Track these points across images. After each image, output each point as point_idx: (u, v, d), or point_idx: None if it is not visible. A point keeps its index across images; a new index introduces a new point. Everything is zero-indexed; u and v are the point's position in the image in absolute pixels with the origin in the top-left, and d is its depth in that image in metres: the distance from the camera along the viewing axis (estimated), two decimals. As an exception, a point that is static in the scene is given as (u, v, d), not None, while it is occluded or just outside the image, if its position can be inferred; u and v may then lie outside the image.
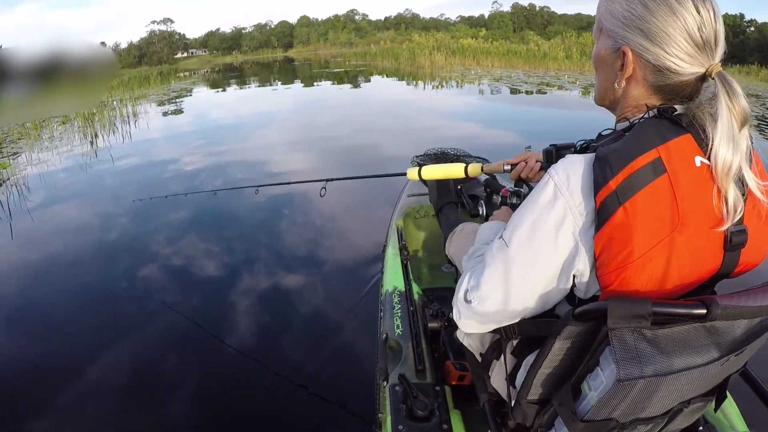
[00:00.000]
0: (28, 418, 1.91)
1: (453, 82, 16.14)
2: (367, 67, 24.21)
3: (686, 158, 0.72)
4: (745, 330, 0.74)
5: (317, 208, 4.16)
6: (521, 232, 0.80)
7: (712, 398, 0.86)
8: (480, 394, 1.13)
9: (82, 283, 3.14)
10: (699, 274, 0.76)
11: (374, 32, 65.31)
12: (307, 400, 1.93)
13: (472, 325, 0.90)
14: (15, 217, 4.47)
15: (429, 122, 8.69)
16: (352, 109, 11.12)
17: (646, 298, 0.69)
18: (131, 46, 63.44)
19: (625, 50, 0.79)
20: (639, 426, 0.80)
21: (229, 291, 2.89)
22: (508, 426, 1.04)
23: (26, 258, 3.65)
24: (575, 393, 0.81)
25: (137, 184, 5.46)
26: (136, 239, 3.84)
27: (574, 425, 0.79)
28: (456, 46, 23.58)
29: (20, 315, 2.80)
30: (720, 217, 0.72)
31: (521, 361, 0.97)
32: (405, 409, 1.24)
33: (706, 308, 0.68)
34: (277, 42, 73.12)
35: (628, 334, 0.69)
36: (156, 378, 2.15)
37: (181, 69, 43.72)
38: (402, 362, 1.44)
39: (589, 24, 49.96)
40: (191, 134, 8.69)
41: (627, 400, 0.72)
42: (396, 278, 1.88)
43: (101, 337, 2.47)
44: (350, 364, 2.15)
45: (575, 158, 0.77)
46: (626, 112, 0.85)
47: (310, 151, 6.74)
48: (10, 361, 2.32)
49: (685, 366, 0.70)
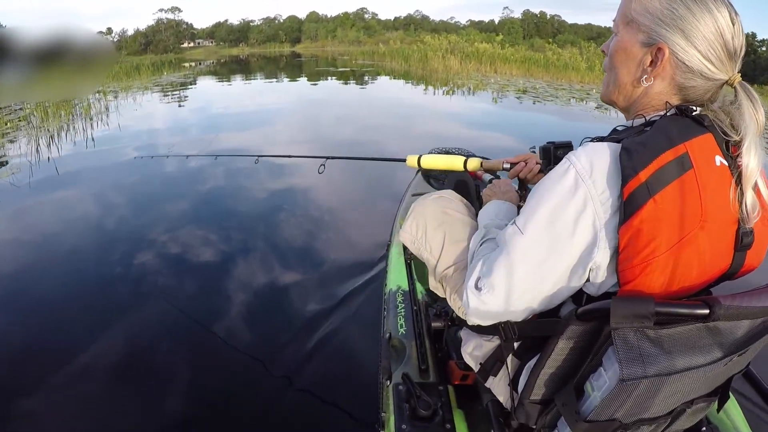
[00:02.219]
0: (18, 399, 1.88)
1: (478, 90, 13.76)
2: (374, 67, 23.17)
3: (708, 157, 0.73)
4: (748, 330, 0.74)
5: (316, 189, 4.19)
6: (538, 219, 0.78)
7: (715, 399, 0.86)
8: (483, 394, 1.12)
9: (74, 258, 3.17)
10: (713, 272, 0.76)
11: (383, 32, 64.97)
12: (310, 398, 1.90)
13: (481, 315, 0.87)
14: (7, 198, 4.48)
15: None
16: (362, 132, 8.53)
17: (649, 298, 0.69)
18: (137, 34, 63.02)
19: (662, 47, 0.79)
20: (642, 426, 0.80)
21: (224, 281, 2.84)
22: (511, 426, 1.03)
23: (20, 238, 3.64)
24: (578, 393, 0.80)
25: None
26: (134, 227, 3.79)
27: (578, 425, 0.79)
28: (471, 50, 21.72)
29: (12, 295, 2.77)
30: (735, 217, 0.74)
31: (524, 363, 0.96)
32: (408, 409, 1.24)
33: (709, 308, 0.68)
34: (284, 36, 72.84)
35: (631, 334, 0.69)
36: (147, 363, 2.15)
37: (187, 59, 43.49)
38: (405, 361, 1.44)
39: (599, 35, 49.75)
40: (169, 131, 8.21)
41: (630, 400, 0.72)
42: (400, 277, 1.88)
43: (94, 310, 2.52)
44: (353, 363, 2.13)
45: (599, 146, 0.76)
46: (644, 109, 0.84)
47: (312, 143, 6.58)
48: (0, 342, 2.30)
49: (688, 366, 0.70)
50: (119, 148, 6.37)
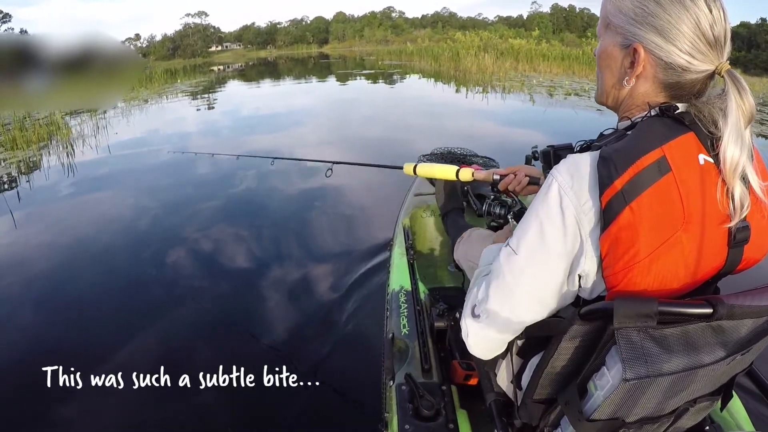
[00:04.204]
0: (53, 396, 1.88)
1: (517, 91, 12.28)
2: (402, 68, 22.23)
3: (690, 156, 0.73)
4: (751, 329, 0.74)
5: (325, 191, 4.33)
6: (529, 237, 0.78)
7: (718, 397, 0.86)
8: (486, 394, 1.12)
9: (108, 252, 3.37)
10: (704, 271, 0.75)
11: (410, 30, 64.59)
12: (313, 398, 1.90)
13: (482, 343, 0.88)
14: (43, 201, 4.79)
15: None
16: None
17: (653, 298, 0.69)
18: (165, 39, 63.98)
19: (637, 47, 0.78)
20: (645, 425, 0.79)
21: (227, 281, 2.89)
22: (514, 426, 1.02)
23: (56, 240, 3.78)
24: (581, 392, 0.80)
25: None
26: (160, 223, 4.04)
27: (581, 425, 0.79)
28: (505, 47, 19.81)
29: (49, 293, 2.86)
30: (725, 214, 0.73)
31: (527, 362, 0.97)
32: (411, 409, 1.24)
33: (712, 307, 0.68)
34: (312, 38, 73.13)
35: (634, 333, 0.69)
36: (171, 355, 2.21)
37: (215, 62, 43.90)
38: (408, 361, 1.44)
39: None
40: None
41: (633, 399, 0.72)
42: (402, 277, 1.88)
43: (126, 305, 2.66)
44: (356, 363, 2.13)
45: (578, 158, 0.76)
46: (630, 111, 0.84)
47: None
48: (37, 339, 2.36)
49: (691, 365, 0.70)
50: (151, 149, 6.92)
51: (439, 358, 1.47)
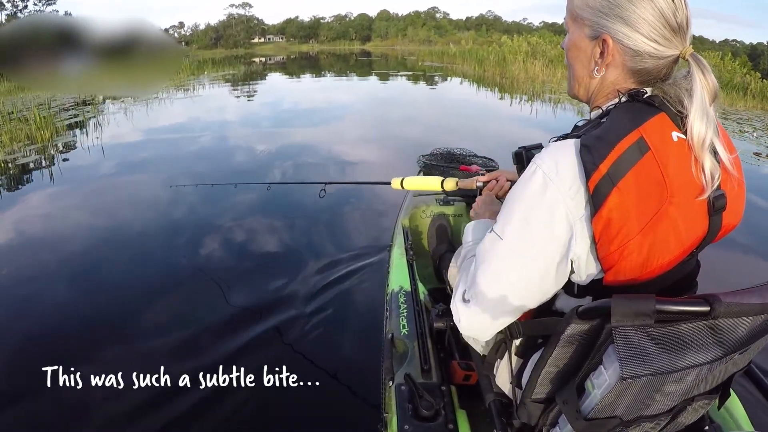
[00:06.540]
0: (53, 396, 1.87)
1: (570, 104, 10.44)
2: (443, 70, 21.21)
3: (665, 135, 0.76)
4: (749, 328, 0.74)
5: (320, 208, 4.23)
6: (514, 222, 0.80)
7: (715, 396, 0.86)
8: (486, 394, 1.12)
9: (141, 249, 3.37)
10: (691, 240, 0.79)
11: (454, 31, 64.02)
12: (313, 398, 1.90)
13: (474, 327, 0.88)
14: (80, 181, 4.95)
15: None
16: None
17: (650, 296, 0.69)
18: (208, 28, 64.87)
19: (606, 38, 0.81)
20: (643, 423, 0.79)
21: (227, 279, 2.88)
22: (513, 426, 1.03)
23: (92, 222, 3.94)
24: (579, 391, 0.80)
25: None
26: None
27: (579, 423, 0.79)
28: (555, 54, 18.13)
29: (49, 293, 2.85)
30: (701, 185, 0.76)
31: (526, 362, 0.97)
32: (411, 409, 1.24)
33: (710, 305, 0.68)
34: (354, 34, 73.23)
35: (632, 332, 0.69)
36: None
37: (257, 54, 44.28)
38: (408, 362, 1.43)
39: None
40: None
41: (630, 397, 0.72)
42: (402, 278, 1.88)
43: (152, 295, 2.73)
44: (355, 363, 2.13)
45: (560, 145, 0.78)
46: (601, 100, 0.87)
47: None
48: (37, 339, 2.37)
49: (689, 364, 0.70)
50: (188, 136, 7.23)
51: (439, 359, 1.47)
